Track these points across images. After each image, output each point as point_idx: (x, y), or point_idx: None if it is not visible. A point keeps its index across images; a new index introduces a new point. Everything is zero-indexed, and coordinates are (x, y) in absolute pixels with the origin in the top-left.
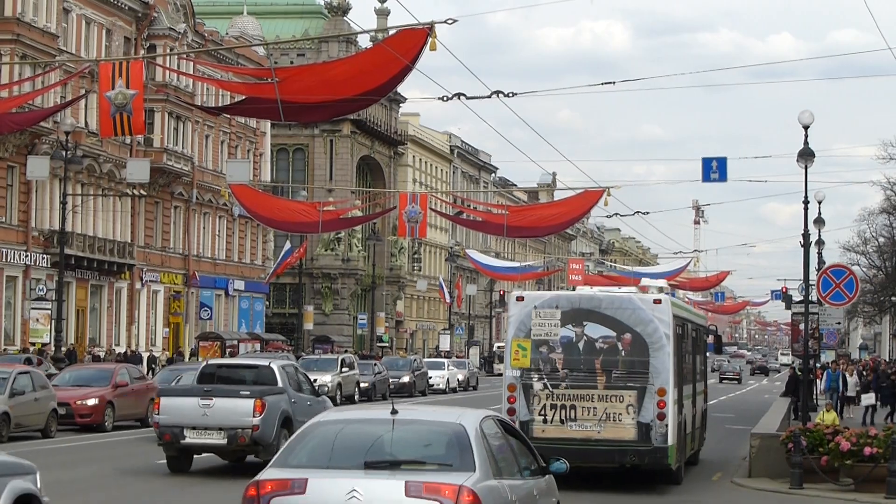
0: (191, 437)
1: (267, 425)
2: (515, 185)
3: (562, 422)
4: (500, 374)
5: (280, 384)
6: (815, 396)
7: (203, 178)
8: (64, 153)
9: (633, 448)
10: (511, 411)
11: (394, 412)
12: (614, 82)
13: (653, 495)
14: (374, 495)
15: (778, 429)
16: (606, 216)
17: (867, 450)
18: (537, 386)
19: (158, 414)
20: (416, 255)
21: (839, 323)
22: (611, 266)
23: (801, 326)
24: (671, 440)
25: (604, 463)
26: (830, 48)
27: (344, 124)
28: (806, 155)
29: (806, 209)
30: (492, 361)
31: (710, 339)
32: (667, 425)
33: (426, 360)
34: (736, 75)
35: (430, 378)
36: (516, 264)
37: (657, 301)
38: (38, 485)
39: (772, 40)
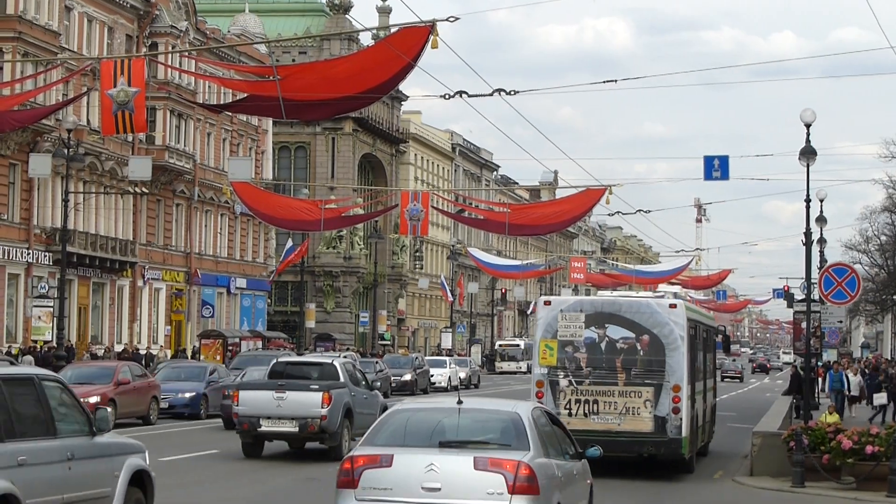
0: (266, 426)
1: (333, 415)
2: (517, 184)
3: (585, 415)
4: (503, 372)
5: (342, 379)
6: (816, 395)
7: (205, 175)
8: (66, 151)
9: (650, 439)
10: None
11: (460, 402)
12: (616, 80)
13: (657, 490)
14: (448, 468)
15: (780, 427)
16: (608, 214)
17: (869, 448)
18: (563, 382)
19: (238, 405)
20: (417, 254)
21: (841, 322)
22: (612, 264)
23: (803, 325)
24: (685, 432)
25: (623, 453)
26: (832, 46)
27: (346, 122)
28: (808, 153)
29: (808, 207)
30: (493, 359)
31: (719, 338)
32: (681, 419)
33: (428, 358)
34: (738, 73)
35: (432, 376)
36: (518, 262)
37: (672, 305)
38: (147, 462)
39: (774, 38)
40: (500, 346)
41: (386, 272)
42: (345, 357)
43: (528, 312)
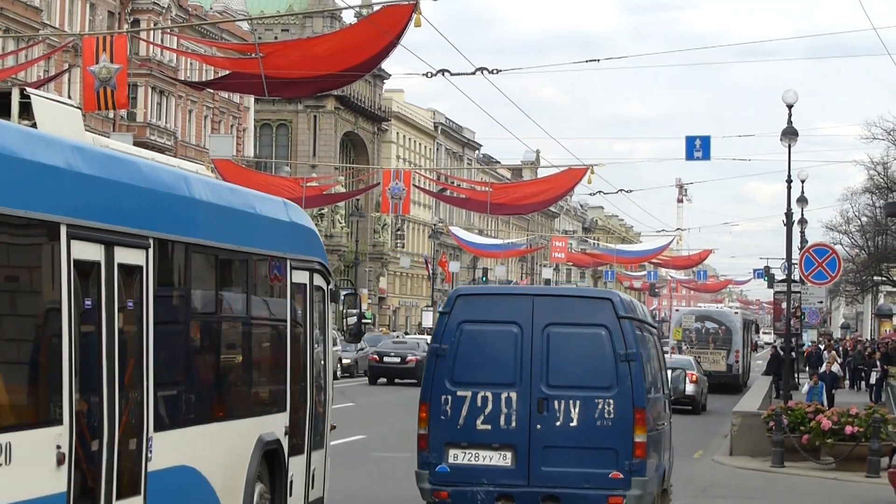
0: None
1: None
2: (499, 163)
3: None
4: None
5: None
6: (796, 375)
7: (186, 152)
8: None
9: (723, 374)
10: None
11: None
12: (599, 60)
13: None
14: None
15: (759, 407)
16: (590, 194)
17: (848, 429)
18: (684, 347)
19: None
20: (399, 232)
21: (821, 302)
22: (594, 244)
23: (784, 305)
24: (740, 372)
25: (711, 381)
26: (815, 27)
27: (328, 100)
28: (789, 134)
29: (789, 188)
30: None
31: (753, 327)
32: (739, 366)
33: (409, 337)
34: (720, 54)
35: None
36: (500, 241)
37: (736, 312)
38: None
39: (756, 19)
40: None
41: (367, 251)
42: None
43: None
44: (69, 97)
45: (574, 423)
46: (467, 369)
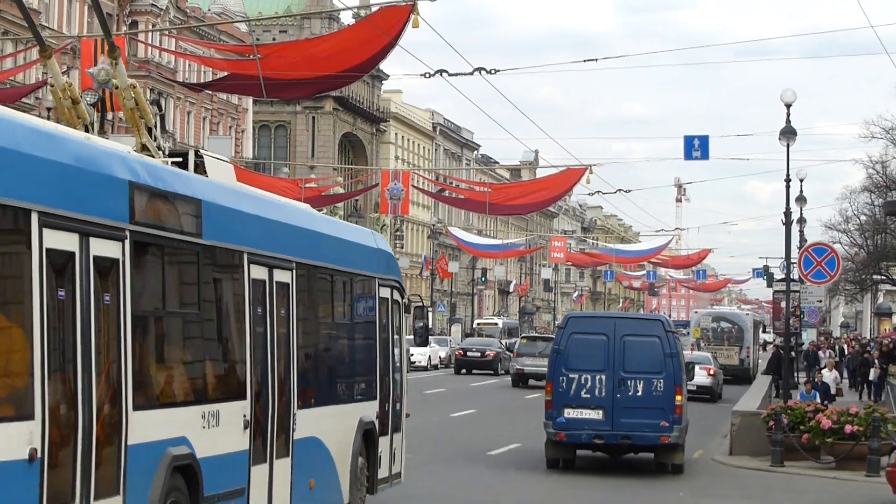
0: None
1: None
2: (498, 163)
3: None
4: None
5: None
6: (796, 374)
7: None
8: None
9: (736, 367)
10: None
11: None
12: (597, 59)
13: (637, 469)
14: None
15: (759, 407)
16: (588, 194)
17: (848, 428)
18: (702, 344)
19: None
20: (398, 233)
21: (820, 301)
22: (593, 244)
23: (783, 304)
24: (751, 366)
25: (727, 375)
26: (813, 26)
27: (326, 101)
28: (788, 133)
29: (788, 187)
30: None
31: (761, 327)
32: (749, 360)
33: (408, 336)
34: (718, 53)
35: (412, 355)
36: (498, 242)
37: (747, 314)
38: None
39: (754, 17)
40: (478, 325)
41: None
42: None
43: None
44: None
45: (640, 393)
46: (575, 361)
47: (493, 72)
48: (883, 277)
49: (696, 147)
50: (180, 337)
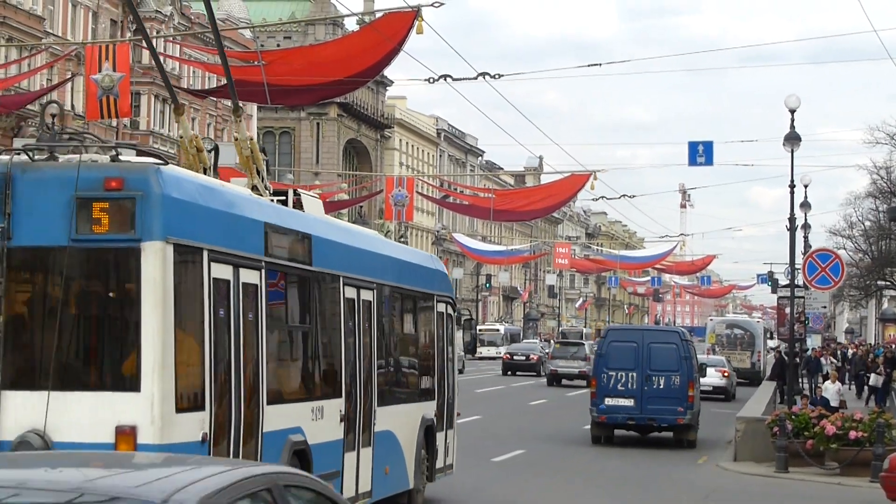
0: None
1: None
2: (502, 169)
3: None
4: (482, 358)
5: None
6: (800, 381)
7: None
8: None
9: (748, 370)
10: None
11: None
12: (600, 64)
13: (643, 474)
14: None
15: (763, 413)
16: (593, 199)
17: (852, 434)
18: (717, 349)
19: None
20: (402, 239)
21: (825, 307)
22: (597, 250)
23: (787, 310)
24: (761, 369)
25: (740, 378)
26: (816, 31)
27: (330, 107)
28: (792, 139)
29: (792, 193)
30: (475, 345)
31: (769, 333)
32: (761, 364)
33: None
34: (722, 58)
35: None
36: (503, 248)
37: (758, 321)
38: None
39: (757, 22)
40: (480, 331)
41: None
42: None
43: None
44: (72, 106)
45: (661, 387)
46: (613, 362)
47: (497, 77)
48: (888, 283)
49: (701, 153)
50: (298, 345)
